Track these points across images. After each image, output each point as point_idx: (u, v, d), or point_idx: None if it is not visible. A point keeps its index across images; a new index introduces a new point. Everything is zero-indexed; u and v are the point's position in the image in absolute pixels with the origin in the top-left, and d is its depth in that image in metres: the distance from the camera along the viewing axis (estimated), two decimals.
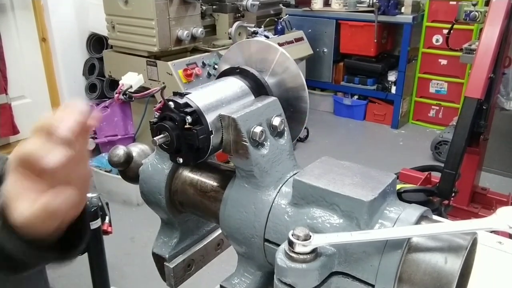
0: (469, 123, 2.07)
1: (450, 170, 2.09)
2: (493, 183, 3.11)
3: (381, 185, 0.46)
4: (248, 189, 0.53)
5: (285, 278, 0.43)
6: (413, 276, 0.42)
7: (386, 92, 4.51)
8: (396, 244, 0.42)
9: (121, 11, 2.90)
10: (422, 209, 0.46)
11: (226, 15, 3.12)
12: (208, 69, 2.92)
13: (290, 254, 0.43)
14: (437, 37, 4.19)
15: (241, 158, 0.51)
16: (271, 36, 3.41)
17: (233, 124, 0.50)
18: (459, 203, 2.53)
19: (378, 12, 4.08)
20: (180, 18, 2.81)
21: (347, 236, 0.43)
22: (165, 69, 2.75)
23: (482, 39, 2.11)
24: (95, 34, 3.64)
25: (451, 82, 4.26)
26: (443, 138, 3.70)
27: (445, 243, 0.42)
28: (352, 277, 0.45)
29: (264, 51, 0.57)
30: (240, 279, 0.57)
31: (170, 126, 0.49)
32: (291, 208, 0.49)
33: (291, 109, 0.58)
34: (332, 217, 0.46)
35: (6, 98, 3.15)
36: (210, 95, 0.52)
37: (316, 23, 4.57)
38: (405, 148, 4.13)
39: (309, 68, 4.59)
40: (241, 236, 0.53)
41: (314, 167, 0.50)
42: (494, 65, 2.09)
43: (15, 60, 3.30)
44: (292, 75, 0.57)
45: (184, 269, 0.65)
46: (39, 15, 3.40)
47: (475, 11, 2.42)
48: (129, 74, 0.52)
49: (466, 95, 2.11)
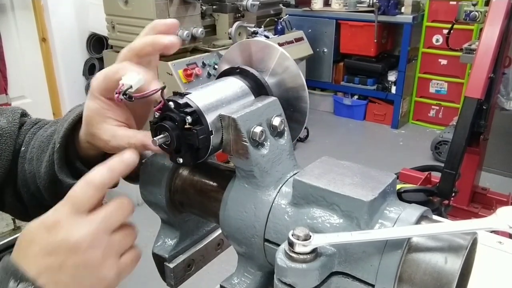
0: (469, 123, 2.07)
1: (450, 170, 2.09)
2: (493, 183, 3.11)
3: (381, 185, 0.46)
4: (248, 189, 0.53)
5: (285, 278, 0.43)
6: (413, 276, 0.42)
7: (386, 92, 4.52)
8: (396, 244, 0.42)
9: (121, 11, 2.91)
10: (422, 209, 0.46)
11: (226, 15, 3.12)
12: (208, 69, 2.92)
13: (290, 254, 0.43)
14: (437, 37, 4.19)
15: (241, 158, 0.51)
16: (271, 36, 3.41)
17: (233, 124, 0.50)
18: (459, 203, 2.53)
19: (378, 12, 4.08)
20: (180, 18, 2.81)
21: (347, 236, 0.43)
22: (165, 69, 2.75)
23: (482, 39, 2.11)
24: (95, 34, 3.64)
25: (451, 82, 4.26)
26: (443, 138, 3.70)
27: (445, 243, 0.42)
28: (352, 277, 0.45)
29: (264, 51, 0.57)
30: (240, 279, 0.57)
31: (170, 126, 0.49)
32: (291, 208, 0.49)
33: (291, 109, 0.58)
34: (332, 217, 0.46)
35: (6, 98, 3.15)
36: (210, 95, 0.52)
37: (316, 23, 4.58)
38: (405, 148, 4.13)
39: (309, 68, 4.59)
40: (241, 236, 0.53)
41: (314, 167, 0.50)
42: (494, 65, 2.09)
43: (15, 60, 3.31)
44: (292, 75, 0.57)
45: (184, 269, 0.65)
46: (39, 15, 3.40)
47: (475, 11, 2.42)
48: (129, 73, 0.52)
49: (466, 95, 2.11)
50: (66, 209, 0.46)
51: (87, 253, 0.45)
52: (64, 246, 0.45)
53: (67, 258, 0.45)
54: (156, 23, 0.56)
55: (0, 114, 0.73)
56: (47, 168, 0.65)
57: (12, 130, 0.71)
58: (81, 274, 0.46)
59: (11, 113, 0.73)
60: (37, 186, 0.68)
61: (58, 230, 0.45)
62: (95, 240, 0.46)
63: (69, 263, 0.45)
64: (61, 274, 0.45)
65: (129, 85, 0.50)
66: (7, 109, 0.75)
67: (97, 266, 0.47)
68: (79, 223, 0.46)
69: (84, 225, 0.46)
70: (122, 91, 0.50)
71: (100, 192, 0.48)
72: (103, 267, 0.47)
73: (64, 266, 0.45)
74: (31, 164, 0.68)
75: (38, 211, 0.73)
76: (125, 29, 2.93)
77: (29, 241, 0.46)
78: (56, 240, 0.45)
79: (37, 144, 0.69)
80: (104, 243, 0.47)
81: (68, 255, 0.45)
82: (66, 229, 0.45)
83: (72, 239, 0.45)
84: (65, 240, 0.45)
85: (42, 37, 3.47)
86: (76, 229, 0.45)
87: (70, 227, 0.45)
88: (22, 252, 0.46)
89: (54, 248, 0.45)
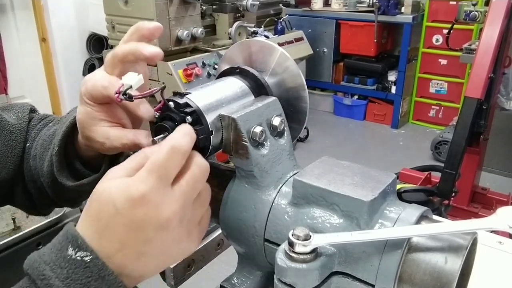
0: (469, 123, 2.07)
1: (450, 170, 2.09)
2: (493, 183, 3.11)
3: (381, 185, 0.46)
4: (248, 189, 0.53)
5: (285, 278, 0.43)
6: (413, 276, 0.42)
7: (386, 92, 4.52)
8: (396, 244, 0.42)
9: (121, 11, 2.90)
10: (422, 209, 0.46)
11: (226, 15, 3.12)
12: (208, 69, 2.92)
13: (290, 254, 0.43)
14: (437, 37, 4.19)
15: (241, 158, 0.51)
16: (271, 36, 3.41)
17: (233, 124, 0.50)
18: (459, 203, 2.53)
19: (378, 12, 4.08)
20: (180, 18, 2.81)
21: (347, 236, 0.43)
22: (165, 69, 2.75)
23: (482, 39, 2.11)
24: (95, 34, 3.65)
25: (451, 82, 4.26)
26: (443, 138, 3.70)
27: (445, 243, 0.42)
28: (352, 277, 0.45)
29: (264, 51, 0.57)
30: (240, 279, 0.57)
31: (170, 126, 0.49)
32: (291, 208, 0.49)
33: (291, 109, 0.58)
34: (332, 217, 0.46)
35: (6, 98, 3.15)
36: (210, 95, 0.52)
37: (316, 23, 4.57)
38: (405, 148, 4.13)
39: (309, 68, 4.59)
40: (241, 236, 0.53)
41: (314, 167, 0.50)
42: (494, 65, 2.09)
43: (15, 60, 3.31)
44: (292, 75, 0.57)
45: (184, 269, 0.65)
46: (39, 15, 3.41)
47: (475, 11, 2.42)
48: (129, 74, 0.52)
49: (466, 95, 2.11)
50: (153, 181, 0.42)
51: (176, 229, 0.44)
52: (154, 223, 0.43)
53: (155, 235, 0.43)
54: (139, 26, 0.56)
55: (10, 110, 0.74)
56: (49, 167, 0.65)
57: (22, 127, 0.72)
58: (168, 247, 0.45)
59: (21, 109, 0.74)
60: (42, 183, 0.69)
61: (146, 206, 0.42)
62: (183, 214, 0.44)
63: (157, 238, 0.43)
64: (147, 247, 0.43)
65: (129, 85, 0.50)
66: (17, 105, 0.76)
67: (184, 239, 0.46)
68: (167, 198, 0.43)
69: (173, 201, 0.43)
70: (122, 91, 0.50)
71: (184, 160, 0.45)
72: (188, 238, 0.46)
73: (151, 241, 0.43)
74: (35, 161, 0.70)
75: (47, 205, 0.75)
76: (125, 29, 2.92)
77: (111, 212, 0.42)
78: (145, 217, 0.42)
79: (40, 142, 0.69)
80: (189, 215, 0.46)
81: (157, 232, 0.43)
82: (154, 206, 0.42)
83: (162, 217, 0.43)
84: (154, 218, 0.42)
85: (42, 37, 3.47)
86: (165, 206, 0.43)
87: (159, 203, 0.42)
88: (104, 221, 0.42)
89: (141, 225, 0.42)
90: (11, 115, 0.73)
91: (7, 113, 0.73)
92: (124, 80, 0.51)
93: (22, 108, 0.75)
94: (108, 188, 0.43)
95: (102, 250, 0.42)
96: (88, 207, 0.44)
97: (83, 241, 0.42)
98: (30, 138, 0.72)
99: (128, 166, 0.45)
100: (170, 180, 0.43)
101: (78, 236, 0.42)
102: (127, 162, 0.45)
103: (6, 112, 0.73)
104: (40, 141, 0.70)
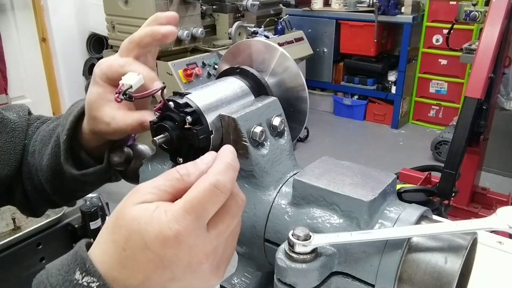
0: (469, 123, 2.07)
1: (450, 170, 2.09)
2: (493, 183, 3.11)
3: (381, 185, 0.46)
4: (248, 189, 0.53)
5: (285, 278, 0.43)
6: (413, 276, 0.42)
7: (386, 92, 4.52)
8: (396, 244, 0.42)
9: (121, 11, 2.91)
10: (422, 209, 0.46)
11: (226, 15, 3.12)
12: (208, 69, 2.92)
13: (290, 254, 0.43)
14: (437, 37, 4.20)
15: (241, 158, 0.51)
16: (271, 36, 3.41)
17: (233, 124, 0.50)
18: (459, 203, 2.53)
19: (378, 12, 4.08)
20: (180, 18, 2.80)
21: (347, 236, 0.43)
22: (165, 69, 2.75)
23: (482, 39, 2.11)
24: (95, 34, 3.65)
25: (451, 82, 4.26)
26: (443, 138, 3.70)
27: (445, 243, 0.42)
28: (352, 277, 0.45)
29: (264, 51, 0.57)
30: (240, 279, 0.57)
31: (170, 126, 0.49)
32: (291, 208, 0.49)
33: (291, 109, 0.58)
34: (332, 217, 0.46)
35: (6, 98, 3.15)
36: (210, 95, 0.52)
37: (316, 23, 4.58)
38: (405, 148, 4.13)
39: (309, 68, 4.59)
40: (241, 236, 0.53)
41: (314, 167, 0.50)
42: (494, 65, 2.09)
43: (15, 60, 3.31)
44: (292, 75, 0.57)
45: None
46: (39, 15, 3.41)
47: (475, 11, 2.42)
48: (129, 74, 0.52)
49: (466, 95, 2.11)
50: (188, 222, 0.39)
51: (206, 268, 0.42)
52: (183, 265, 0.40)
53: (183, 275, 0.41)
54: (157, 16, 0.59)
55: (9, 110, 0.75)
56: (49, 161, 0.67)
57: (23, 125, 0.74)
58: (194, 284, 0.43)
59: (20, 108, 0.76)
60: (39, 179, 0.70)
61: (178, 247, 0.39)
62: (215, 256, 0.42)
63: (185, 278, 0.41)
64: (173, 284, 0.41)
65: (129, 85, 0.50)
66: (15, 105, 0.78)
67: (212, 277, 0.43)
68: (201, 240, 0.40)
69: (207, 243, 0.40)
70: (122, 91, 0.50)
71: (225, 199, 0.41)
72: (216, 275, 0.44)
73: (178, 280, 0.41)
74: (33, 157, 0.71)
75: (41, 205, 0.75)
76: (125, 29, 2.93)
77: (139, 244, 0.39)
78: (174, 258, 0.39)
79: (40, 138, 0.71)
80: (220, 253, 0.43)
81: (185, 273, 0.41)
82: (187, 248, 0.39)
83: (193, 260, 0.40)
84: (185, 260, 0.40)
85: (42, 37, 3.47)
86: (198, 249, 0.40)
87: (192, 245, 0.39)
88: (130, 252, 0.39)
89: (169, 265, 0.40)
90: (12, 113, 0.74)
91: (8, 112, 0.75)
92: (124, 80, 0.51)
93: (22, 108, 0.77)
94: (139, 217, 0.39)
95: (122, 278, 0.40)
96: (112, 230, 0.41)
97: (91, 265, 0.40)
98: (28, 135, 0.74)
99: (161, 187, 0.41)
100: (207, 220, 0.40)
101: (87, 259, 0.40)
102: (159, 181, 0.42)
103: (6, 111, 0.75)
104: (39, 137, 0.71)
